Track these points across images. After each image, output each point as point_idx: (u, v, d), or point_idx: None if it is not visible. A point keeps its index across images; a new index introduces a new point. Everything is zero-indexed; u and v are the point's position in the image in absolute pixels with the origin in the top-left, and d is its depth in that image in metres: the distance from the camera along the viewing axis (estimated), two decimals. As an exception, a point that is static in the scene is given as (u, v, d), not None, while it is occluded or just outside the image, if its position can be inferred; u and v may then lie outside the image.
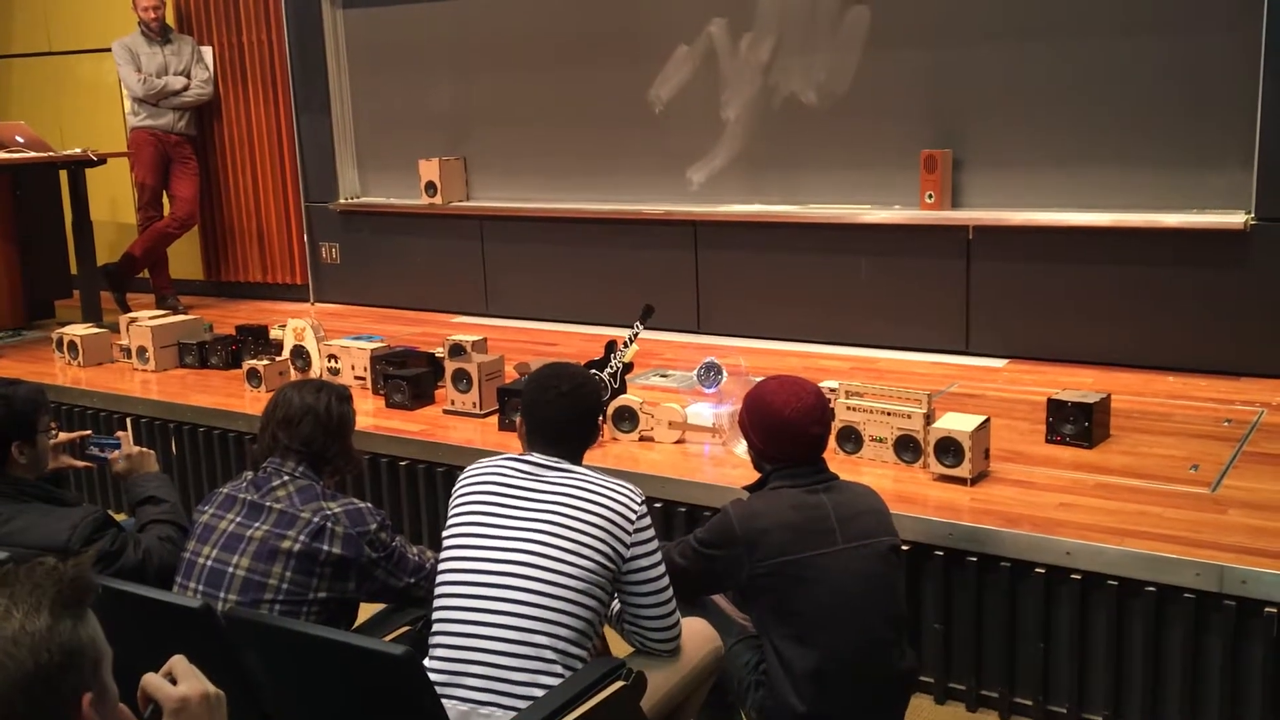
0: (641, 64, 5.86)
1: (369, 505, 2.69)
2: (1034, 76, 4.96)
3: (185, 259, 7.43)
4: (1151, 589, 3.00)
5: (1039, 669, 3.19)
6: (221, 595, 2.55)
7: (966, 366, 5.01)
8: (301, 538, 2.56)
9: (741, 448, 3.64)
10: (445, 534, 2.53)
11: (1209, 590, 2.93)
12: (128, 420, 4.70)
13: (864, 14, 5.26)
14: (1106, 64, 4.80)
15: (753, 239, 5.67)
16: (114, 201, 7.75)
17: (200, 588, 2.59)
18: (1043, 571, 3.13)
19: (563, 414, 2.59)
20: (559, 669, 2.34)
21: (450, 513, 2.56)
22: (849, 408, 3.77)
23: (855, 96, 5.35)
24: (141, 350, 5.40)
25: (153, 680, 1.53)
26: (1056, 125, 4.94)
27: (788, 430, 2.71)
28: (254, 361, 4.99)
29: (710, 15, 5.63)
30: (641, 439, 4.09)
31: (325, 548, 2.56)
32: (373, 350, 4.88)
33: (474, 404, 4.44)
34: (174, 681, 1.54)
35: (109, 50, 6.92)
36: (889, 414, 3.70)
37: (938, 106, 5.20)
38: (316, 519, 2.58)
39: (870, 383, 3.93)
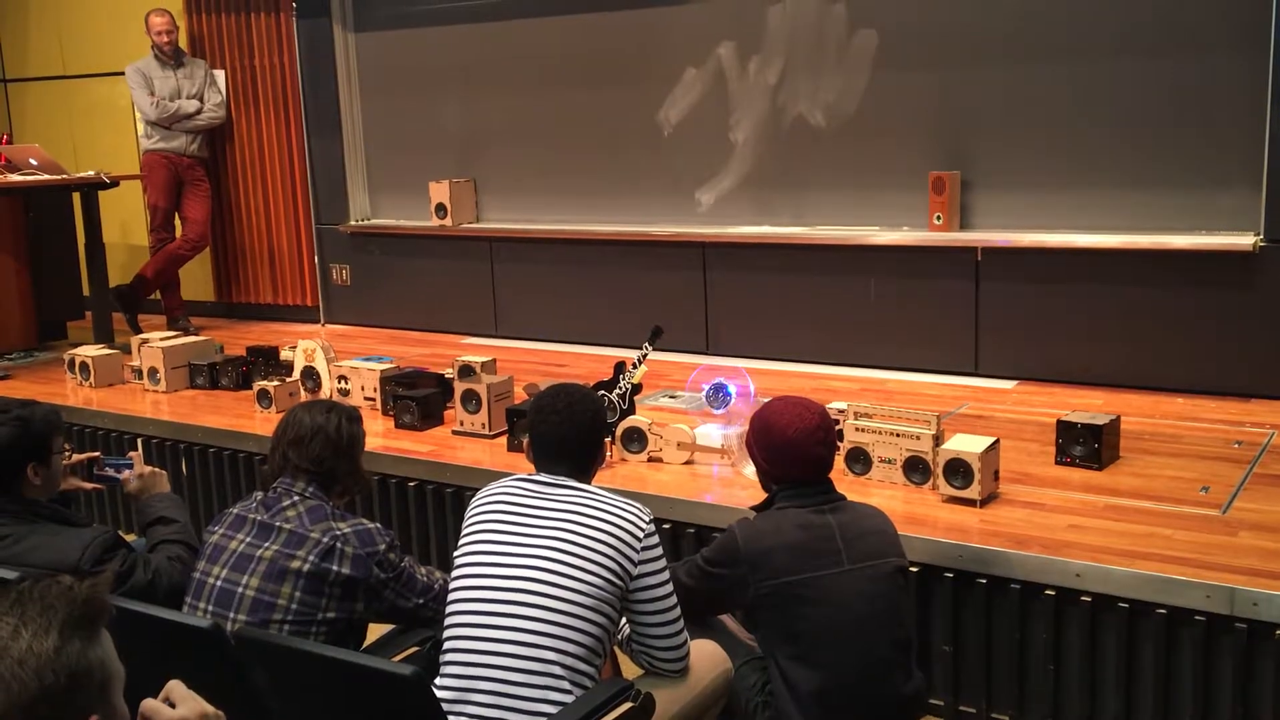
0: (650, 86, 5.89)
1: (378, 526, 2.70)
2: (1042, 98, 4.97)
3: (197, 280, 7.47)
4: (1162, 611, 2.98)
5: (1049, 692, 3.17)
6: (231, 615, 2.56)
7: (975, 388, 5.00)
8: (311, 558, 2.57)
9: (750, 469, 3.64)
10: (456, 554, 2.54)
11: (1220, 613, 2.91)
12: (139, 441, 4.72)
13: (872, 36, 5.29)
14: (1115, 85, 4.81)
15: (761, 260, 5.68)
16: (126, 223, 7.80)
17: (210, 608, 2.59)
18: (1052, 594, 3.12)
19: (563, 432, 2.61)
20: (567, 685, 2.35)
21: (462, 534, 2.58)
22: (858, 429, 3.77)
23: (863, 118, 5.37)
24: (153, 371, 5.42)
25: (150, 705, 1.53)
26: (1065, 147, 4.95)
27: (791, 450, 2.71)
28: (264, 382, 5.01)
29: (719, 38, 5.66)
30: (650, 460, 4.09)
31: (334, 568, 2.57)
32: (382, 371, 4.90)
33: (483, 425, 4.44)
34: (172, 706, 1.53)
35: (122, 74, 6.99)
36: (898, 435, 3.70)
37: (946, 128, 5.21)
38: (326, 539, 2.59)
39: (879, 404, 3.92)
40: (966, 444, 3.56)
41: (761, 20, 5.52)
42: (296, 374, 5.12)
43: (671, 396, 4.96)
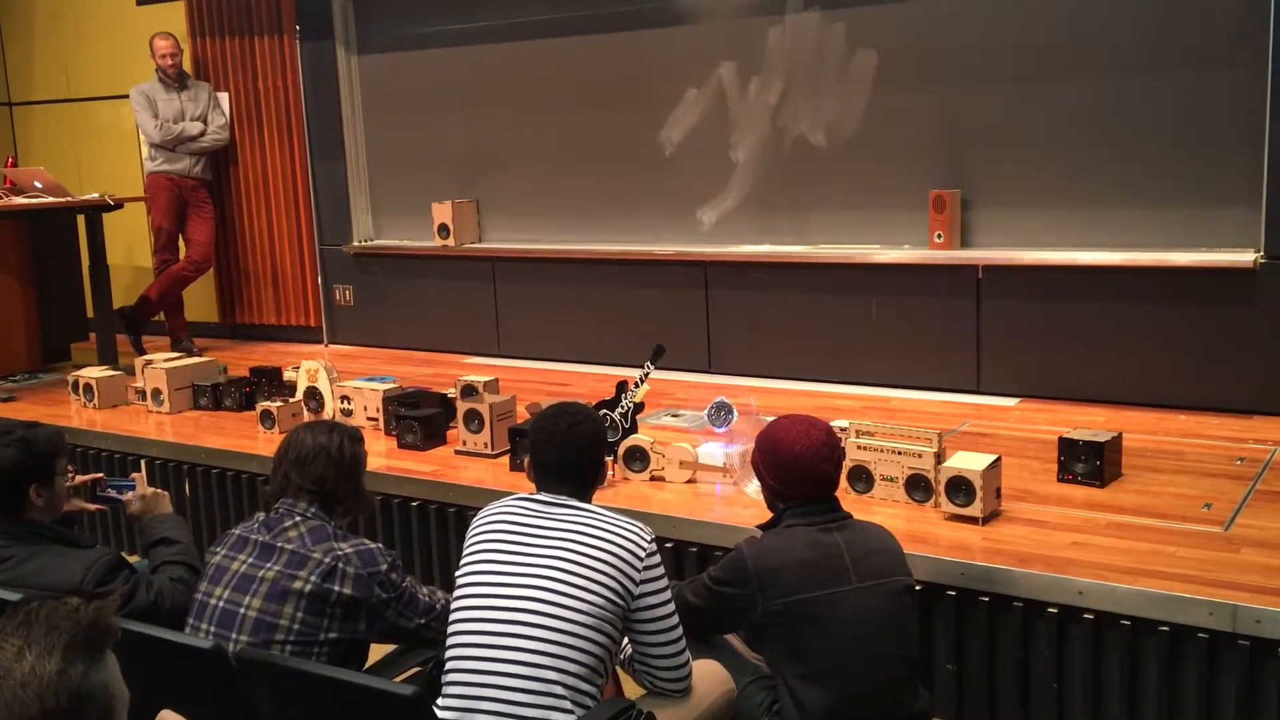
0: (652, 107, 5.92)
1: (380, 546, 2.70)
2: (1042, 116, 4.99)
3: (200, 302, 7.48)
4: (1165, 629, 2.98)
5: (1052, 710, 3.16)
6: (233, 636, 2.56)
7: (978, 405, 5.01)
8: (313, 578, 2.57)
9: (753, 487, 3.65)
10: (458, 574, 2.55)
11: (1223, 630, 2.91)
12: (142, 462, 4.72)
13: (871, 56, 5.31)
14: (1114, 104, 4.82)
15: (763, 279, 5.69)
16: (130, 245, 7.83)
17: (212, 629, 2.60)
18: (1055, 611, 3.12)
19: (563, 451, 2.62)
20: (568, 704, 2.35)
21: (464, 554, 2.58)
22: (860, 447, 3.77)
23: (864, 137, 5.39)
24: (156, 392, 5.43)
25: None
26: (1065, 165, 4.97)
27: (799, 468, 2.72)
28: (267, 403, 5.02)
29: (720, 59, 5.68)
30: (653, 479, 4.09)
31: (336, 588, 2.57)
32: (385, 391, 4.91)
33: (486, 444, 4.45)
34: None
35: (127, 96, 7.02)
36: (900, 453, 3.70)
37: (946, 147, 5.23)
38: (328, 559, 2.60)
39: (881, 422, 3.93)
40: (968, 461, 3.56)
41: (762, 41, 5.55)
42: (299, 394, 5.13)
43: (674, 415, 4.96)
